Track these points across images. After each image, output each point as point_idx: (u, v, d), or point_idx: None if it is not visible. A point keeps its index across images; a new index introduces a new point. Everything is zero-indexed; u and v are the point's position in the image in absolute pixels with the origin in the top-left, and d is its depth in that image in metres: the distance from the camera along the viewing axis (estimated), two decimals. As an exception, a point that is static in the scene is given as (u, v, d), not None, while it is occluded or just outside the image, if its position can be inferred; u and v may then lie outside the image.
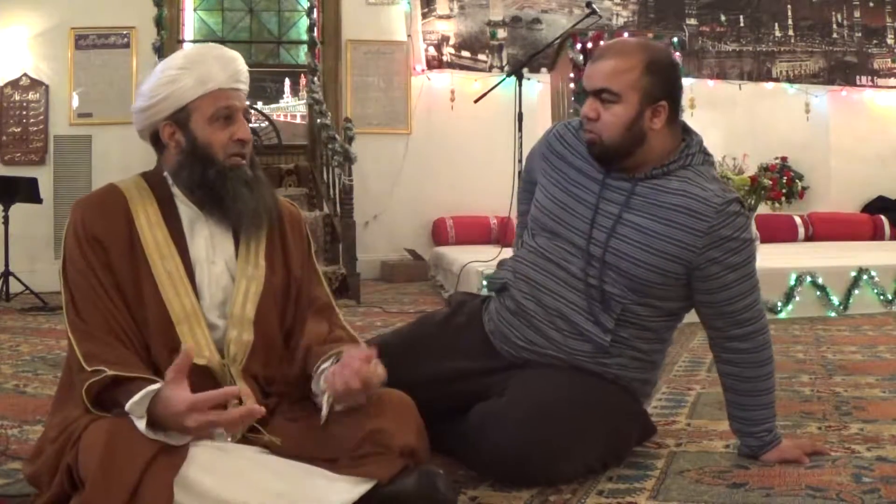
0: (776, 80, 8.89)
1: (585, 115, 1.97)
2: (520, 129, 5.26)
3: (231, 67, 1.74)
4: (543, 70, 7.18)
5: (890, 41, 9.13)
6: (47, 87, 7.41)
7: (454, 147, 7.92)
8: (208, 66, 1.70)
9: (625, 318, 1.96)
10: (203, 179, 1.71)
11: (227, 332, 1.71)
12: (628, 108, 1.92)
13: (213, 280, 1.72)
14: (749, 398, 1.99)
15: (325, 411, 1.64)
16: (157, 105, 1.71)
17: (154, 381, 1.49)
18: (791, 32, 8.96)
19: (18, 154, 7.36)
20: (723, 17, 8.80)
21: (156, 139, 1.76)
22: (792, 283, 4.77)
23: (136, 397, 1.43)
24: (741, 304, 1.96)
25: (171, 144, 1.73)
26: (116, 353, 1.57)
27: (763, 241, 5.28)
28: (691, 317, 2.09)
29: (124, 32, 7.46)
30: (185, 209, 1.75)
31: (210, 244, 1.74)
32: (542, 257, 2.02)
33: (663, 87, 1.94)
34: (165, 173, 1.76)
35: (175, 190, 1.75)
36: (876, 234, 8.55)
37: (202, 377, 1.61)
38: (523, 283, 2.03)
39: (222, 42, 7.89)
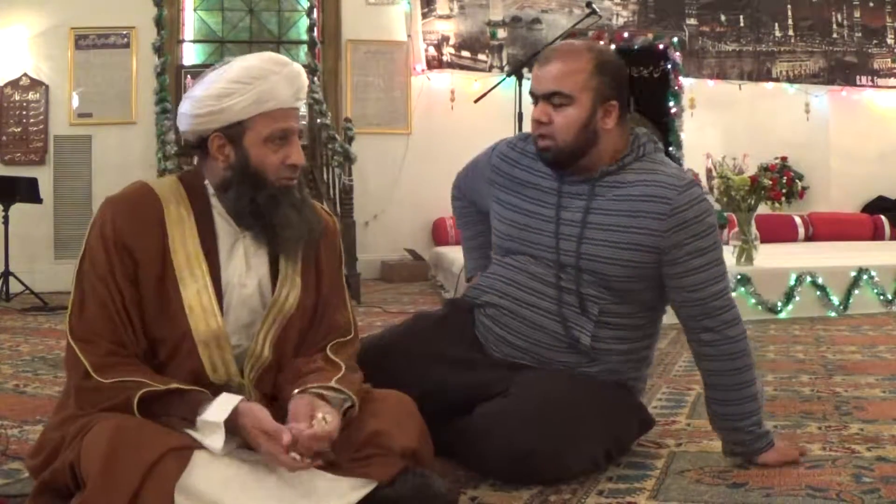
0: (776, 80, 8.87)
1: (537, 120, 1.97)
2: (520, 129, 5.26)
3: (296, 85, 1.65)
4: (543, 70, 7.17)
5: (890, 41, 9.13)
6: (47, 87, 7.39)
7: (454, 147, 7.80)
8: (271, 85, 1.60)
9: (604, 320, 1.97)
10: (252, 204, 1.62)
11: (247, 350, 1.67)
12: (581, 110, 1.93)
13: (241, 302, 1.67)
14: (733, 392, 1.97)
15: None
16: (208, 116, 1.61)
17: (203, 392, 1.52)
18: (791, 32, 8.95)
19: (18, 154, 7.35)
20: (723, 17, 8.79)
21: (201, 143, 1.65)
22: (792, 283, 4.77)
23: (221, 409, 1.49)
24: (709, 290, 1.95)
25: (218, 157, 1.63)
26: (128, 363, 1.55)
27: (763, 241, 5.28)
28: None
29: (124, 32, 7.45)
30: (224, 225, 1.67)
31: (245, 265, 1.67)
32: (518, 273, 2.03)
33: (613, 87, 1.96)
34: (206, 182, 1.68)
35: (214, 201, 1.67)
36: (876, 234, 8.54)
37: (218, 390, 1.58)
38: (501, 299, 2.04)
39: (221, 42, 7.93)
